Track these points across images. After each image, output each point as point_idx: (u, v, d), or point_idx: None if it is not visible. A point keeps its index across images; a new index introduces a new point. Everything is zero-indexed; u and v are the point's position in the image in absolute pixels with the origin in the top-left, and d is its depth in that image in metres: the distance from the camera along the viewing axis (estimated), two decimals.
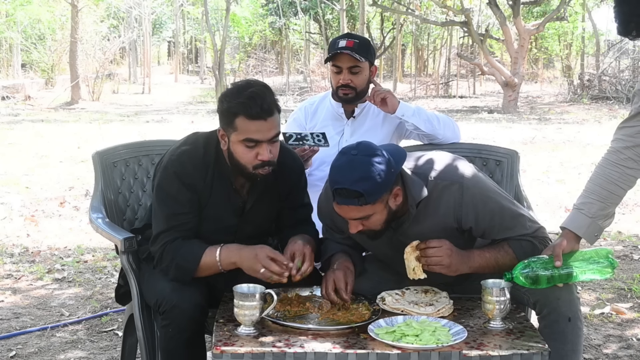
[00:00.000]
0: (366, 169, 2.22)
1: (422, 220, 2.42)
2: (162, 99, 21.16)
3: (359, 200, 2.22)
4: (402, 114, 3.27)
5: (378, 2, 19.48)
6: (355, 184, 2.21)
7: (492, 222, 2.42)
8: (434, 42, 28.81)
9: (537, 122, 15.19)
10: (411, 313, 2.33)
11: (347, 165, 2.25)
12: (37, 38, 23.75)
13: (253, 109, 2.35)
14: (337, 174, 2.26)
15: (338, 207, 2.30)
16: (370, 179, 2.21)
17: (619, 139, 2.45)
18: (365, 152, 2.26)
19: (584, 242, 2.43)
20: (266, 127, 2.38)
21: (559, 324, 2.39)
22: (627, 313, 4.14)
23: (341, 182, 2.23)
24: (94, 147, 3.73)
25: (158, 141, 3.30)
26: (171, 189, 2.47)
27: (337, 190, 2.24)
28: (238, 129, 2.38)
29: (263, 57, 29.09)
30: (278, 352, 2.07)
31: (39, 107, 17.81)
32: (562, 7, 18.01)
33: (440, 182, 2.40)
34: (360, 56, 3.25)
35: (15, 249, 5.43)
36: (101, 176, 3.02)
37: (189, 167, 2.48)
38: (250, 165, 2.42)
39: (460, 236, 2.45)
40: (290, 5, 26.71)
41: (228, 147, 2.45)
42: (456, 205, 2.39)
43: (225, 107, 2.41)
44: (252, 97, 2.36)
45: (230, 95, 2.41)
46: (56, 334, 3.81)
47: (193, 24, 35.01)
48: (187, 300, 2.40)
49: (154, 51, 34.48)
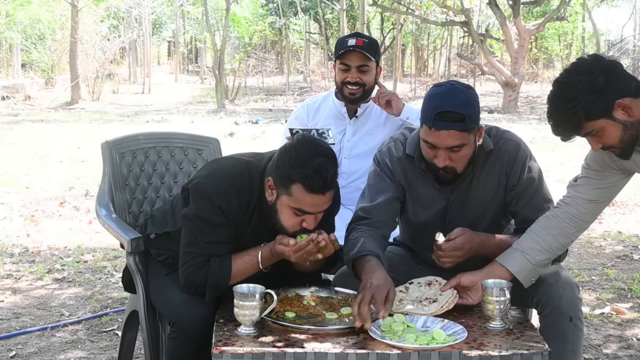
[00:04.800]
0: (468, 96, 2.38)
1: (483, 175, 2.52)
2: (162, 99, 21.16)
3: (460, 125, 2.33)
4: (407, 117, 3.30)
5: (378, 2, 19.49)
6: (460, 107, 2.33)
7: (528, 191, 2.53)
8: (434, 42, 28.81)
9: (537, 122, 15.19)
10: (416, 314, 2.33)
11: (448, 92, 2.37)
12: (37, 38, 23.76)
13: (316, 182, 2.24)
14: (439, 99, 2.36)
15: (435, 133, 2.35)
16: (472, 105, 2.37)
17: (577, 195, 2.44)
18: (461, 85, 2.42)
19: None
20: (322, 200, 2.30)
21: (560, 323, 2.40)
22: (627, 313, 4.14)
23: (445, 106, 2.33)
24: (94, 147, 3.72)
25: (167, 133, 3.27)
26: (214, 220, 2.39)
27: (440, 114, 2.32)
28: (292, 196, 2.29)
29: (263, 57, 29.07)
30: (278, 352, 2.07)
31: (39, 107, 17.82)
32: (562, 7, 18.02)
33: (501, 139, 2.54)
34: (370, 55, 3.28)
35: (15, 249, 5.43)
36: (110, 166, 2.98)
37: (234, 205, 2.40)
38: (290, 229, 2.36)
39: (503, 198, 2.55)
40: (290, 5, 26.72)
41: (274, 203, 2.35)
42: (510, 160, 2.51)
43: (285, 171, 2.29)
44: (318, 170, 2.23)
45: (296, 161, 2.27)
46: (56, 334, 3.81)
47: (193, 24, 34.99)
48: (197, 315, 2.38)
49: (154, 51, 34.47)
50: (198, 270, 2.40)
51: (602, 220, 6.42)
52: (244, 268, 2.41)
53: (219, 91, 18.50)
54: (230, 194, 2.40)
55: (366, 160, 3.41)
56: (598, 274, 4.93)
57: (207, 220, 2.40)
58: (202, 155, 3.17)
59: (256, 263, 2.41)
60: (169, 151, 3.13)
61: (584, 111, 2.13)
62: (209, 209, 2.39)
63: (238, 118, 15.61)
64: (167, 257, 2.61)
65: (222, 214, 2.39)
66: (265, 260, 2.41)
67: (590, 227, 6.02)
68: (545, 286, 2.44)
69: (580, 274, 4.89)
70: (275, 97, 20.99)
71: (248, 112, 17.60)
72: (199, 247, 2.41)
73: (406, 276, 2.64)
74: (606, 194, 2.43)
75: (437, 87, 2.44)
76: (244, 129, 13.39)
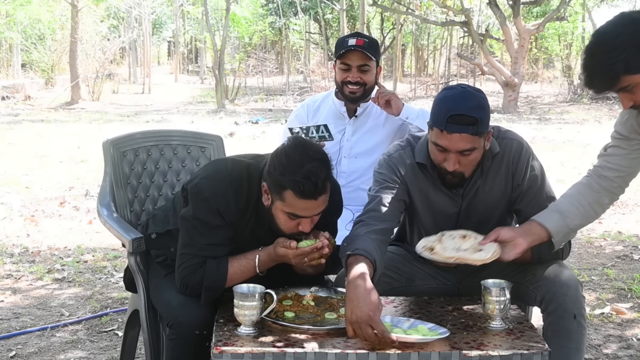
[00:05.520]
0: (480, 100, 2.38)
1: (490, 177, 2.53)
2: (162, 99, 21.15)
3: (472, 128, 2.33)
4: (407, 117, 3.31)
5: (378, 2, 19.49)
6: (472, 111, 2.33)
7: (531, 190, 2.53)
8: (434, 42, 28.79)
9: (537, 122, 15.19)
10: (466, 261, 2.32)
11: (461, 95, 2.37)
12: (37, 38, 23.74)
13: (306, 188, 2.23)
14: (451, 102, 2.35)
15: (447, 136, 2.34)
16: (483, 108, 2.37)
17: (607, 165, 2.43)
18: (472, 88, 2.44)
19: None
20: (315, 205, 2.29)
21: (564, 321, 2.40)
22: (627, 313, 4.14)
23: (457, 109, 2.33)
24: (94, 147, 3.72)
25: (169, 131, 3.26)
26: (211, 222, 2.39)
27: (453, 117, 2.32)
28: (285, 201, 2.28)
29: (263, 57, 29.07)
30: (278, 352, 2.07)
31: (39, 107, 17.81)
32: (562, 7, 18.01)
33: (504, 139, 2.54)
34: (370, 54, 3.28)
35: (15, 249, 5.43)
36: (111, 165, 2.97)
37: (233, 208, 2.40)
38: (287, 232, 2.36)
39: (510, 198, 2.56)
40: (290, 5, 26.71)
41: (270, 207, 2.35)
42: (514, 159, 2.52)
43: (276, 177, 2.28)
44: (308, 176, 2.22)
45: (286, 167, 2.26)
46: (56, 334, 3.81)
47: (193, 24, 34.97)
48: (194, 316, 2.38)
49: (154, 51, 34.45)
50: (194, 271, 2.39)
51: (602, 220, 6.42)
52: (240, 271, 2.41)
53: (219, 91, 18.48)
54: (229, 197, 2.39)
55: (366, 160, 3.42)
56: (598, 274, 4.93)
57: (204, 222, 2.39)
58: (205, 153, 3.16)
59: (253, 266, 2.40)
60: (172, 149, 3.11)
61: (624, 64, 2.03)
62: (207, 211, 2.39)
63: (238, 118, 15.61)
64: (165, 257, 2.61)
65: (220, 217, 2.38)
66: (262, 264, 2.41)
67: (590, 227, 6.09)
68: (550, 284, 2.45)
69: (580, 274, 4.89)
70: (275, 97, 20.98)
71: (248, 112, 17.60)
72: (196, 248, 2.40)
73: (407, 276, 2.65)
74: (635, 164, 2.41)
75: (448, 90, 2.43)
76: (244, 129, 13.39)
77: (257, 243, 2.45)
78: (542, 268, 2.51)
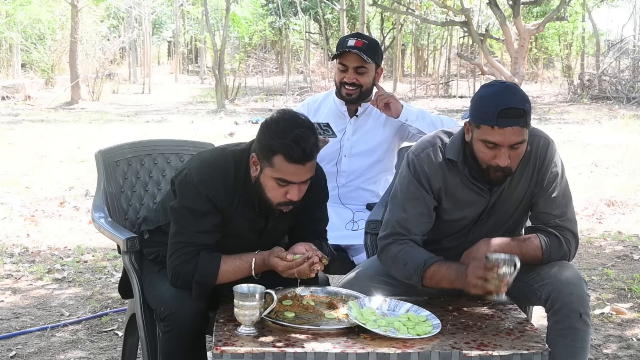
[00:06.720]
0: (523, 93, 2.41)
1: (517, 174, 2.52)
2: (162, 99, 21.15)
3: (522, 121, 2.35)
4: (406, 119, 3.29)
5: (378, 2, 19.47)
6: (520, 103, 2.35)
7: (550, 185, 2.54)
8: (434, 42, 28.80)
9: (537, 122, 15.18)
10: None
11: (506, 89, 2.38)
12: (37, 38, 23.74)
13: (295, 152, 2.30)
14: (498, 97, 2.36)
15: (500, 131, 2.34)
16: (528, 100, 2.39)
17: None
18: (510, 83, 2.44)
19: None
20: (303, 170, 2.35)
21: (570, 319, 2.40)
22: (627, 313, 4.14)
23: (506, 103, 2.34)
24: (94, 147, 3.73)
25: (160, 140, 3.30)
26: (200, 209, 2.43)
27: (503, 111, 2.32)
28: (274, 167, 2.34)
29: (263, 57, 29.04)
30: (278, 352, 2.07)
31: (39, 107, 17.80)
32: (562, 7, 18.00)
33: (530, 135, 2.50)
34: (368, 57, 3.26)
35: (15, 249, 5.43)
36: (104, 175, 3.01)
37: (221, 192, 2.44)
38: (275, 201, 2.40)
39: (532, 193, 2.56)
40: (290, 5, 26.72)
41: (258, 177, 2.41)
42: (541, 156, 2.54)
43: (266, 142, 2.35)
44: (297, 140, 2.30)
45: (275, 132, 2.34)
46: (56, 334, 3.81)
47: (193, 24, 34.99)
48: (188, 307, 2.40)
49: (154, 51, 34.48)
50: (186, 261, 2.43)
51: (602, 220, 6.43)
52: (233, 270, 2.43)
53: (219, 91, 18.47)
54: (216, 182, 2.44)
55: (366, 159, 3.42)
56: (598, 274, 4.93)
57: (193, 210, 2.44)
58: None
59: (247, 268, 2.43)
60: (164, 158, 3.16)
61: None
62: (196, 199, 2.43)
63: (238, 118, 15.60)
64: (157, 254, 2.63)
65: (209, 202, 2.43)
66: (257, 267, 2.44)
67: (590, 227, 6.05)
68: (555, 282, 2.45)
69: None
70: (275, 97, 20.97)
71: (248, 112, 17.58)
72: (186, 236, 2.44)
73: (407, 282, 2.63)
74: None
75: (489, 87, 2.43)
76: (244, 129, 13.38)
77: (247, 223, 2.50)
78: (547, 267, 2.51)
